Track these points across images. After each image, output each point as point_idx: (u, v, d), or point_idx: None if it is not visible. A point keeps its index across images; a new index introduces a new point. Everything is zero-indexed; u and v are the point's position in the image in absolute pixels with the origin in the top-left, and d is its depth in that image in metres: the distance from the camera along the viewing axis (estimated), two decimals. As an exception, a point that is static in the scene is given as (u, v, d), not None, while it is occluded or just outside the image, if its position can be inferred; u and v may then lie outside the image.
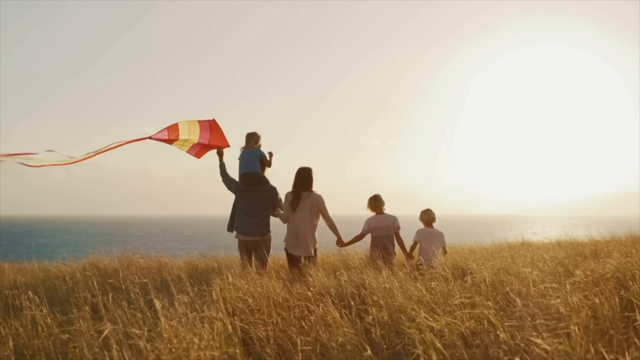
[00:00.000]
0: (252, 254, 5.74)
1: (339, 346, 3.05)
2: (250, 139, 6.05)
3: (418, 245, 6.38)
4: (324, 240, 6.38)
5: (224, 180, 6.05)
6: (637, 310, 3.01)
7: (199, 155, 6.28)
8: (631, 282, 3.71)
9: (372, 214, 6.36)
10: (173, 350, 2.53)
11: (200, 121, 5.97)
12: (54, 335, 3.22)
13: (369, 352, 2.81)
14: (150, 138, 5.81)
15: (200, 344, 2.56)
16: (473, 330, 3.12)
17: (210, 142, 6.05)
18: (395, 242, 6.30)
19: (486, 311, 3.21)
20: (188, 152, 6.19)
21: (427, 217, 6.48)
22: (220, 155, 6.15)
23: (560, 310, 2.98)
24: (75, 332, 3.10)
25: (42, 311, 3.53)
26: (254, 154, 5.92)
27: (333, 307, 3.45)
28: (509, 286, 3.89)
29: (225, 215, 6.00)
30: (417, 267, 5.82)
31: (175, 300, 3.12)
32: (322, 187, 5.91)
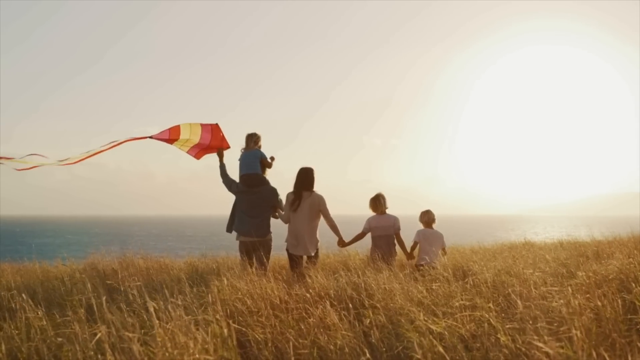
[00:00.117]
0: (252, 255, 5.71)
1: (337, 349, 3.02)
2: (250, 139, 6.02)
3: (418, 246, 6.36)
4: (325, 241, 6.35)
5: (224, 182, 6.03)
6: (640, 313, 2.97)
7: (199, 156, 6.29)
8: (634, 284, 3.67)
9: (374, 213, 6.34)
10: (167, 354, 2.49)
11: (203, 124, 5.97)
12: (49, 338, 3.18)
13: (367, 355, 2.78)
14: (151, 137, 5.82)
15: (195, 348, 2.52)
16: (473, 333, 3.08)
17: (211, 144, 6.05)
18: (395, 242, 6.27)
19: (487, 314, 3.17)
20: (188, 153, 6.19)
21: (427, 218, 6.48)
22: (221, 156, 6.13)
23: (562, 313, 2.94)
24: (69, 335, 3.06)
25: (37, 314, 3.49)
26: (254, 155, 5.90)
27: (332, 309, 3.42)
28: (510, 288, 3.86)
29: (227, 216, 5.98)
30: (418, 268, 5.80)
31: (170, 304, 3.08)
32: (324, 187, 5.87)
